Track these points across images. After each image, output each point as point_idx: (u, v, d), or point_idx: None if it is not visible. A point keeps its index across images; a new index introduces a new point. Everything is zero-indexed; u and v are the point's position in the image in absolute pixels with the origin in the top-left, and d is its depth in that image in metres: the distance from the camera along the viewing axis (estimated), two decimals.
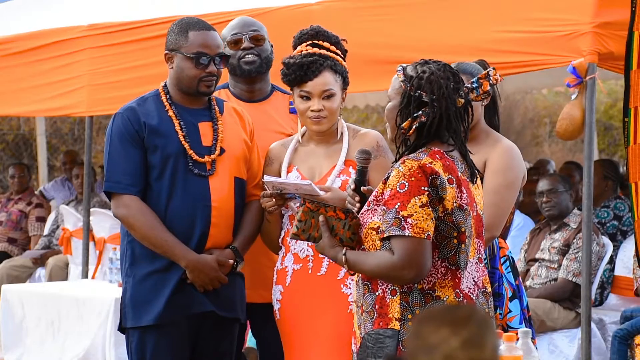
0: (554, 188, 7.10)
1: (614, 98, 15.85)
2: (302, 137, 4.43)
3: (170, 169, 4.31)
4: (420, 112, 3.51)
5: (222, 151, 4.37)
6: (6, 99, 8.36)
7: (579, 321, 6.05)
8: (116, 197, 4.32)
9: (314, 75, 4.27)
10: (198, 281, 4.29)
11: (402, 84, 3.56)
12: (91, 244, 8.39)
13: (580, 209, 6.73)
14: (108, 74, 7.57)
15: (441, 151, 3.51)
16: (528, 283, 7.00)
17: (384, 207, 3.46)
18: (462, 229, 3.48)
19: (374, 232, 3.50)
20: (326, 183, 4.26)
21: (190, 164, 4.31)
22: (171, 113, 4.36)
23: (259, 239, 4.46)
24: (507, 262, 4.35)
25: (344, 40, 4.44)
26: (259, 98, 4.79)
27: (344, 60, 4.39)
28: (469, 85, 3.64)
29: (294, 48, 4.40)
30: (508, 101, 13.82)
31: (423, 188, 3.41)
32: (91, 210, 8.40)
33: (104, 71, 7.60)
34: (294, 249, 4.30)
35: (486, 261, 4.21)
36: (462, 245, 3.49)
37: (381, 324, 3.49)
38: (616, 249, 7.43)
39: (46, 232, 9.96)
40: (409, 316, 3.46)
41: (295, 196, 4.23)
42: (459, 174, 3.51)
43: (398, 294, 3.48)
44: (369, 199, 3.58)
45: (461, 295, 3.49)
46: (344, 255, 3.57)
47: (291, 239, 3.78)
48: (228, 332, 4.44)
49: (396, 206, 3.41)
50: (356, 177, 3.89)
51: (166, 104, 4.38)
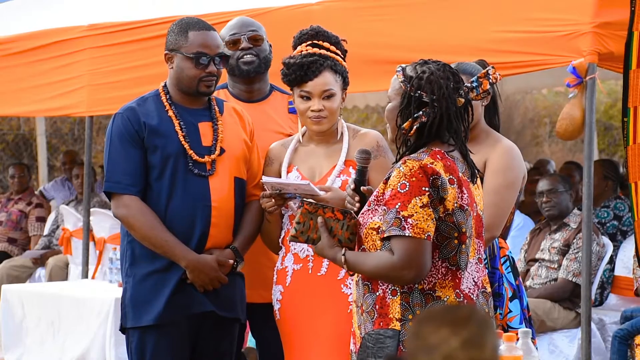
0: (554, 188, 7.10)
1: (614, 98, 15.84)
2: (302, 137, 4.43)
3: (170, 169, 4.31)
4: (420, 113, 3.50)
5: (222, 151, 4.37)
6: (6, 99, 8.36)
7: (579, 321, 6.04)
8: (116, 197, 4.32)
9: (314, 75, 4.27)
10: (198, 281, 4.29)
11: (401, 84, 3.56)
12: (91, 244, 8.39)
13: (580, 209, 6.73)
14: (108, 74, 7.57)
15: (442, 151, 3.51)
16: (528, 283, 6.99)
17: (384, 207, 3.45)
18: (463, 229, 3.48)
19: (375, 232, 3.50)
20: (326, 183, 4.26)
21: (190, 164, 4.31)
22: (171, 113, 4.36)
23: (259, 239, 4.46)
24: (507, 262, 4.35)
25: (343, 41, 4.44)
26: (257, 98, 4.79)
27: (344, 60, 4.39)
28: (469, 85, 3.64)
29: (294, 48, 4.40)
30: (508, 101, 13.81)
31: (424, 188, 3.41)
32: (91, 210, 8.40)
33: (104, 71, 7.60)
34: (294, 249, 4.30)
35: (486, 261, 4.20)
36: (463, 246, 3.49)
37: (381, 324, 3.49)
38: (616, 249, 7.43)
39: (46, 232, 9.96)
40: (410, 316, 3.45)
41: (296, 196, 4.22)
42: (460, 174, 3.51)
43: (398, 294, 3.48)
44: (369, 199, 3.58)
45: (461, 295, 3.49)
46: (343, 255, 3.57)
47: (290, 241, 3.77)
48: (228, 332, 4.44)
49: (397, 206, 3.41)
50: (356, 177, 3.88)
51: (166, 104, 4.38)
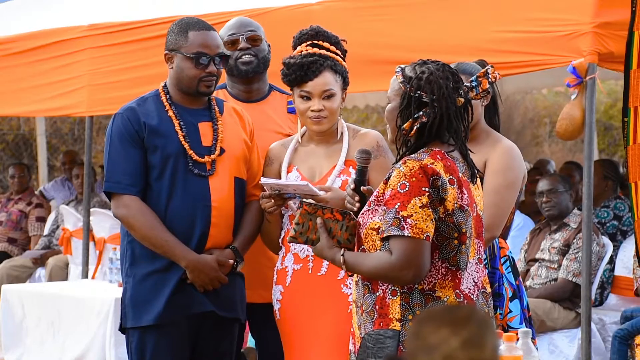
0: (554, 188, 7.10)
1: (614, 98, 15.84)
2: (302, 137, 4.43)
3: (170, 169, 4.31)
4: (421, 113, 3.50)
5: (222, 151, 4.37)
6: (6, 99, 8.36)
7: (579, 321, 6.04)
8: (116, 197, 4.32)
9: (314, 76, 4.27)
10: (198, 281, 4.29)
11: (401, 85, 3.55)
12: (91, 244, 8.39)
13: (580, 209, 6.73)
14: (108, 74, 7.57)
15: (442, 152, 3.50)
16: (528, 283, 6.99)
17: (384, 207, 3.45)
18: (463, 229, 3.48)
19: (375, 233, 3.50)
20: (326, 183, 4.26)
21: (190, 164, 4.31)
22: (171, 113, 4.36)
23: (259, 239, 4.46)
24: (508, 262, 4.35)
25: (343, 41, 4.44)
26: (256, 98, 4.79)
27: (344, 61, 4.39)
28: (468, 84, 3.64)
29: (294, 48, 4.40)
30: (508, 101, 13.80)
31: (424, 189, 3.40)
32: (91, 210, 8.40)
33: (104, 71, 7.60)
34: (294, 249, 4.30)
35: (486, 261, 4.20)
36: (463, 246, 3.48)
37: (381, 324, 3.49)
38: (616, 249, 7.43)
39: (46, 232, 9.96)
40: (410, 317, 3.45)
41: (296, 196, 4.22)
42: (460, 174, 3.51)
43: (398, 294, 3.47)
44: (370, 199, 3.58)
45: (461, 295, 3.49)
46: (342, 256, 3.56)
47: (289, 242, 3.77)
48: (228, 332, 4.44)
49: (396, 206, 3.41)
50: (356, 177, 3.88)
51: (166, 104, 4.38)
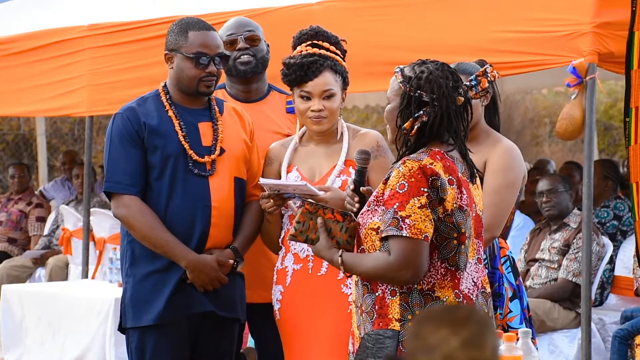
0: (554, 188, 7.10)
1: (614, 98, 15.85)
2: (302, 137, 4.43)
3: (170, 169, 4.31)
4: (421, 112, 3.50)
5: (222, 151, 4.37)
6: (6, 99, 8.36)
7: (579, 321, 6.04)
8: (116, 197, 4.32)
9: (314, 76, 4.27)
10: (198, 281, 4.29)
11: (400, 85, 3.55)
12: (91, 244, 8.39)
13: (580, 209, 6.73)
14: (108, 74, 7.57)
15: (441, 152, 3.50)
16: (528, 283, 6.99)
17: (383, 207, 3.45)
18: (462, 229, 3.47)
19: (374, 233, 3.49)
20: (326, 183, 4.26)
21: (190, 164, 4.31)
22: (171, 113, 4.36)
23: (259, 239, 4.46)
24: (508, 262, 4.35)
25: (343, 41, 4.44)
26: (255, 98, 4.79)
27: (344, 61, 4.39)
28: (468, 83, 3.64)
29: (294, 48, 4.40)
30: (508, 101, 13.81)
31: (422, 189, 3.40)
32: (91, 210, 8.40)
33: (104, 71, 7.60)
34: (294, 249, 4.30)
35: (486, 261, 4.20)
36: (462, 246, 3.48)
37: (381, 324, 3.49)
38: (616, 249, 7.43)
39: (46, 232, 9.96)
40: (409, 317, 3.45)
41: (295, 196, 4.22)
42: (459, 174, 3.51)
43: (398, 294, 3.47)
44: (369, 200, 3.58)
45: (461, 295, 3.49)
46: (340, 257, 3.56)
47: (289, 240, 3.77)
48: (228, 332, 4.44)
49: (395, 206, 3.40)
50: (355, 177, 3.88)
51: (166, 104, 4.38)
